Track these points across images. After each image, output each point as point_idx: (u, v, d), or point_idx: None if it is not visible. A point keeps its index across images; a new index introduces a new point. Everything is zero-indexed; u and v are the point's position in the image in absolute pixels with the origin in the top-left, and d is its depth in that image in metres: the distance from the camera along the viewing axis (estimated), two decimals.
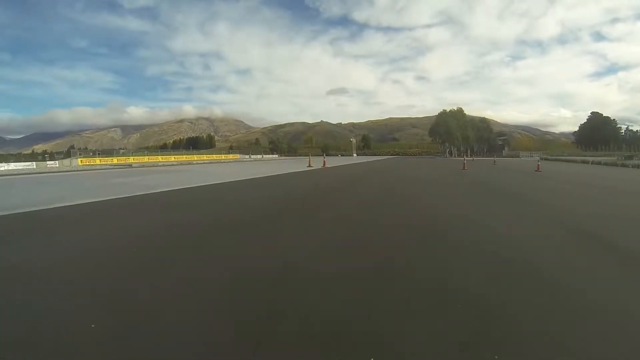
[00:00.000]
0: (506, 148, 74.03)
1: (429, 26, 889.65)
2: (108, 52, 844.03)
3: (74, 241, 3.68)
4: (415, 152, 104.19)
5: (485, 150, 69.33)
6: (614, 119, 79.16)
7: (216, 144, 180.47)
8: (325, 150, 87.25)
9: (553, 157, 44.95)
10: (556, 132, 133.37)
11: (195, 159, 48.52)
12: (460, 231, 4.08)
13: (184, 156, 50.70)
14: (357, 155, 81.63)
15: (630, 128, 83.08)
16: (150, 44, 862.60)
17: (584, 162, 32.20)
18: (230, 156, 53.12)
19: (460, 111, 66.94)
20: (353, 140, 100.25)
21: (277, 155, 58.83)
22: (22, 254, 3.26)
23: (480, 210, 5.57)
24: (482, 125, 72.14)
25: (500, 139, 74.86)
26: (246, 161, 42.29)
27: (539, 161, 23.84)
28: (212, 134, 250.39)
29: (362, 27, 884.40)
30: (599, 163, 28.02)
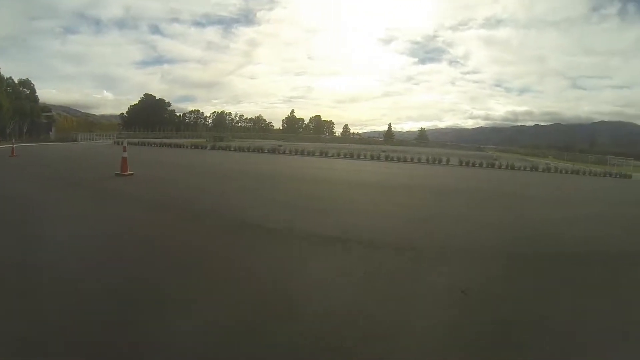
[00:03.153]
0: (53, 129, 53.08)
1: None
2: None
3: None
4: None
5: (25, 131, 44.22)
6: (169, 102, 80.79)
7: None
8: None
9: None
10: (97, 114, 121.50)
11: None
12: None
13: None
14: None
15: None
16: None
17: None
18: None
19: None
20: None
21: None
22: None
23: None
24: (24, 93, 43.14)
25: (45, 116, 51.54)
26: None
27: None
28: None
29: None
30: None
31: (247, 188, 7.48)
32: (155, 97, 77.62)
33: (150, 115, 70.38)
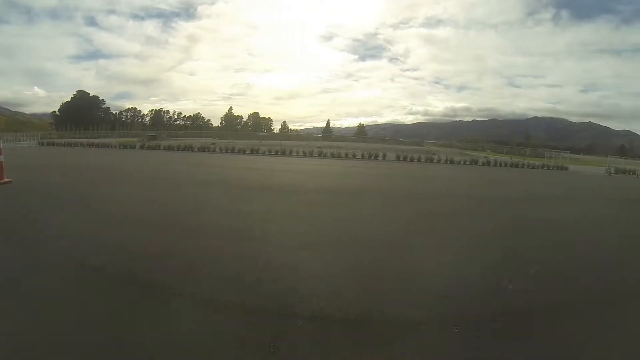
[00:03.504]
0: None
1: None
2: None
3: None
4: None
5: None
6: (103, 99, 76.12)
7: None
8: None
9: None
10: (27, 112, 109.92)
11: None
12: None
13: None
14: None
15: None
16: None
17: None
18: None
19: None
20: None
21: None
22: None
23: None
24: None
25: None
26: None
27: None
28: None
29: None
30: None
31: (124, 198, 6.21)
32: (89, 94, 73.10)
33: (83, 114, 66.27)
